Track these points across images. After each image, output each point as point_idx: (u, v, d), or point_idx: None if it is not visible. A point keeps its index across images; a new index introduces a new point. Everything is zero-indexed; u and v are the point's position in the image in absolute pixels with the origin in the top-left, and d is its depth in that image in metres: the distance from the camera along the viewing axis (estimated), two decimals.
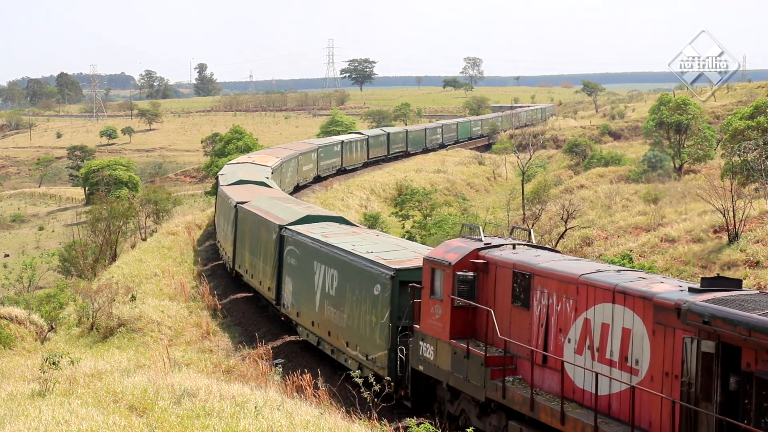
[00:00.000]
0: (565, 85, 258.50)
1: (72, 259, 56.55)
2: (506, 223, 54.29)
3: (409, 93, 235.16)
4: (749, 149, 46.48)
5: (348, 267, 25.50)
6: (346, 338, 25.47)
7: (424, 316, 21.10)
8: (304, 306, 29.20)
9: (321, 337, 27.62)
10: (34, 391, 19.90)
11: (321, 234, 29.07)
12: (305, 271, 28.86)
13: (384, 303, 23.01)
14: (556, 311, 17.54)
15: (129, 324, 34.31)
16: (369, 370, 23.26)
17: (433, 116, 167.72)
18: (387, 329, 22.74)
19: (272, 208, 36.32)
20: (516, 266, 18.77)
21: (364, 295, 24.22)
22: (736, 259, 31.66)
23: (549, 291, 17.78)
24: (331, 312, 26.61)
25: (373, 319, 23.62)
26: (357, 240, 27.49)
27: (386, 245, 26.37)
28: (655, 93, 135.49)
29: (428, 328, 20.84)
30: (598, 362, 16.40)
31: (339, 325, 25.96)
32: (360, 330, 24.50)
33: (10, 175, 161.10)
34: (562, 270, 17.72)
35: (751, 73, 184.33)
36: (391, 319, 22.68)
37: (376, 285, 23.45)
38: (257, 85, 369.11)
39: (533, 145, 74.02)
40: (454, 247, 20.68)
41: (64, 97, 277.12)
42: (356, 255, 25.26)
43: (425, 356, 20.94)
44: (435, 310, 20.51)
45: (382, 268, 23.34)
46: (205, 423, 16.71)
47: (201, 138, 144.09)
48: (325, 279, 27.00)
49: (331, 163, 73.69)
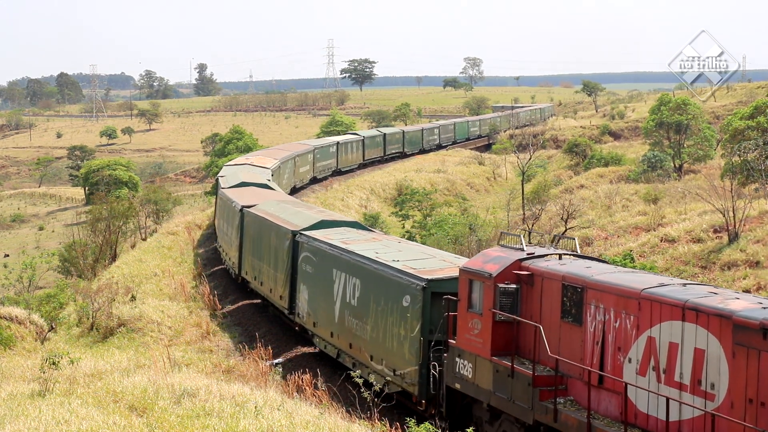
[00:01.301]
0: (565, 85, 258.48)
1: (72, 259, 56.54)
2: (506, 223, 54.31)
3: (409, 93, 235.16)
4: (749, 149, 46.50)
5: (372, 276, 24.25)
6: (370, 351, 24.09)
7: (460, 331, 19.77)
8: (321, 316, 27.86)
9: (341, 349, 26.17)
10: (34, 391, 19.89)
11: (340, 240, 27.78)
12: (323, 279, 27.61)
13: (414, 315, 21.70)
14: (613, 328, 16.29)
15: (129, 324, 34.31)
16: (396, 386, 22.42)
17: (433, 116, 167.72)
18: (418, 343, 21.44)
19: (282, 212, 35.07)
20: (566, 279, 17.50)
21: (391, 306, 22.91)
22: (736, 259, 31.66)
23: (605, 306, 16.52)
24: (352, 323, 25.32)
25: (401, 332, 22.35)
26: (379, 247, 26.22)
27: (412, 253, 25.14)
28: (655, 93, 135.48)
29: (466, 344, 19.56)
30: (665, 385, 15.11)
31: (362, 337, 24.62)
32: (386, 343, 23.14)
33: (10, 175, 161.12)
34: (620, 283, 16.41)
35: (751, 73, 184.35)
36: (422, 332, 21.35)
37: (404, 296, 22.18)
38: (257, 85, 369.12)
39: (533, 145, 74.02)
40: (493, 257, 19.41)
41: (64, 97, 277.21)
42: (381, 264, 23.96)
43: (462, 373, 19.66)
44: (473, 324, 19.25)
45: (412, 279, 22.05)
46: (205, 423, 16.71)
47: (201, 138, 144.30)
48: (346, 288, 25.75)
49: (327, 164, 72.64)
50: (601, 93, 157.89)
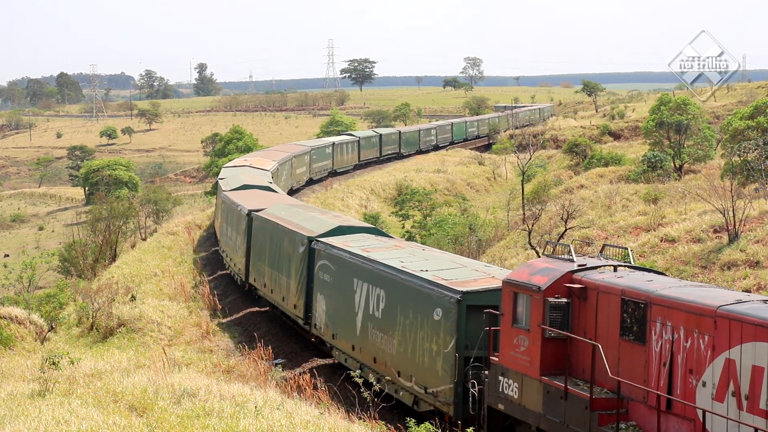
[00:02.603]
0: (565, 85, 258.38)
1: (72, 259, 56.56)
2: (506, 223, 54.32)
3: (409, 93, 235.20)
4: (749, 149, 46.48)
5: (398, 287, 22.86)
6: (398, 367, 22.69)
7: (504, 347, 18.44)
8: (341, 327, 26.50)
9: (364, 363, 24.72)
10: (34, 391, 19.88)
11: (360, 248, 26.43)
12: (343, 289, 26.28)
13: (448, 330, 20.34)
14: (683, 348, 14.99)
15: (129, 324, 34.31)
16: (428, 405, 21.17)
17: (432, 116, 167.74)
18: (452, 360, 20.09)
19: (294, 217, 33.75)
20: (626, 293, 16.16)
21: (421, 319, 21.51)
22: (736, 259, 31.65)
23: (673, 324, 15.19)
24: (376, 336, 23.92)
25: (433, 347, 20.91)
26: (404, 255, 24.85)
27: (441, 262, 23.69)
28: (655, 93, 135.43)
29: (510, 362, 18.23)
30: (748, 412, 13.81)
31: (387, 351, 23.27)
32: (416, 359, 21.72)
33: (10, 175, 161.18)
34: (691, 299, 15.06)
35: (751, 73, 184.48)
36: (458, 348, 19.99)
37: (436, 309, 20.80)
38: (257, 85, 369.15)
39: (533, 145, 74.00)
40: (541, 268, 18.13)
41: (64, 97, 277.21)
42: (409, 274, 22.57)
43: (506, 393, 18.35)
44: (519, 341, 17.94)
45: (445, 290, 20.66)
46: (205, 423, 16.71)
47: (201, 138, 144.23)
48: (369, 299, 24.39)
49: (323, 165, 71.80)
50: (601, 93, 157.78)
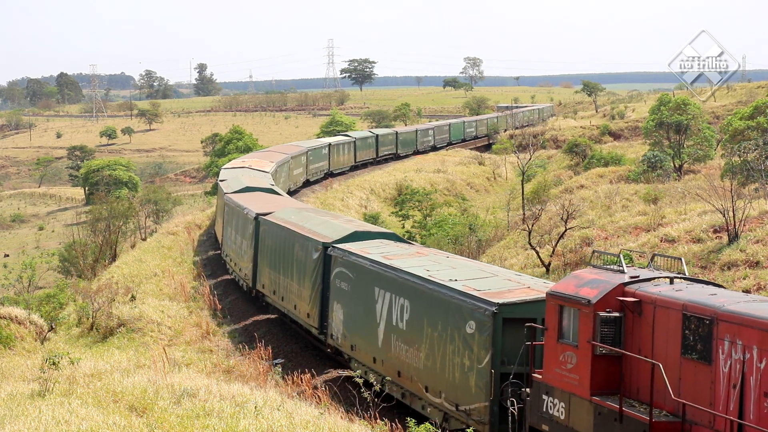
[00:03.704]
0: (565, 85, 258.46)
1: (72, 259, 56.63)
2: (506, 223, 54.33)
3: (409, 93, 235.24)
4: (749, 149, 46.49)
5: (425, 297, 21.77)
6: (425, 382, 21.57)
7: (548, 364, 17.43)
8: (360, 339, 25.38)
9: (387, 376, 23.56)
10: (34, 391, 19.88)
11: (380, 255, 25.33)
12: (362, 298, 25.20)
13: (482, 344, 19.27)
14: (757, 369, 13.89)
15: (129, 324, 34.32)
16: (460, 423, 20.08)
17: (432, 116, 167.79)
18: (487, 376, 18.97)
19: (305, 221, 32.44)
20: (688, 308, 15.08)
21: (451, 332, 20.41)
22: (736, 259, 31.63)
23: (745, 343, 14.10)
24: (400, 349, 22.85)
25: (465, 362, 19.82)
26: (428, 263, 23.74)
27: (469, 271, 22.59)
28: (655, 93, 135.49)
29: (556, 380, 17.18)
30: None
31: (413, 365, 22.16)
32: (446, 374, 20.60)
33: (10, 175, 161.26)
34: (765, 316, 13.93)
35: (751, 73, 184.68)
36: (493, 364, 18.92)
37: (469, 322, 19.71)
38: (257, 85, 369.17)
39: (533, 145, 74.01)
40: (589, 280, 17.04)
41: (64, 97, 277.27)
42: (437, 284, 21.46)
43: (552, 414, 17.32)
44: (566, 357, 16.93)
45: (478, 302, 19.57)
46: (205, 423, 16.72)
47: (201, 138, 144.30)
48: (392, 309, 23.29)
49: (320, 166, 70.84)
50: (601, 93, 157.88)
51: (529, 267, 39.02)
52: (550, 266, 38.05)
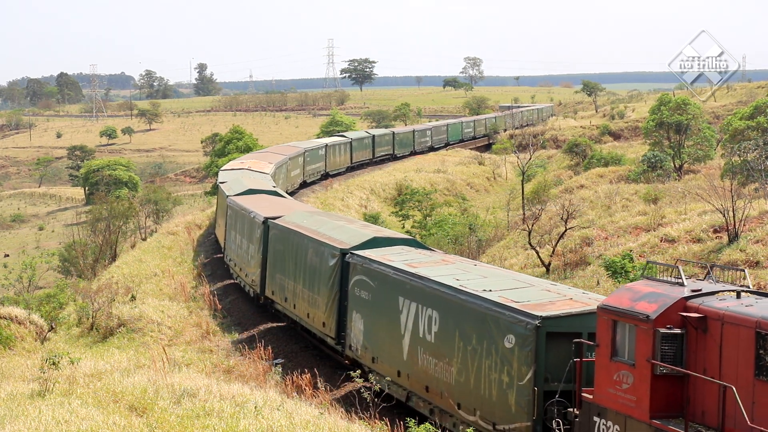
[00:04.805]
0: (565, 85, 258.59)
1: (72, 259, 56.70)
2: (506, 223, 54.35)
3: (409, 93, 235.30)
4: (749, 149, 46.54)
5: (456, 308, 20.61)
6: (457, 398, 20.36)
7: (600, 384, 16.27)
8: (383, 351, 24.24)
9: (413, 391, 22.53)
10: (34, 391, 19.89)
11: (404, 262, 24.31)
12: (385, 308, 24.07)
13: (522, 360, 18.14)
14: None
15: (129, 324, 34.33)
16: None
17: (432, 116, 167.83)
18: (530, 394, 17.85)
19: (319, 226, 31.19)
20: (762, 325, 14.03)
21: (488, 346, 19.29)
22: (736, 259, 31.62)
23: None
24: (429, 362, 21.70)
25: (504, 378, 18.71)
26: (456, 272, 22.62)
27: (502, 280, 21.46)
28: (655, 93, 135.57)
29: (609, 401, 16.02)
30: None
31: (443, 380, 20.96)
32: (481, 391, 19.46)
33: (10, 175, 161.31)
34: None
35: (751, 73, 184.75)
36: (536, 381, 17.79)
37: (507, 336, 18.64)
38: (257, 85, 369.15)
39: (533, 145, 74.04)
40: (646, 293, 15.83)
41: (64, 97, 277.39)
42: (469, 294, 20.34)
43: None
44: (621, 377, 15.79)
45: (518, 314, 18.47)
46: (205, 423, 16.73)
47: (201, 138, 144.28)
48: (418, 320, 22.16)
49: (317, 167, 69.96)
50: (601, 93, 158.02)
51: (529, 267, 39.03)
52: (550, 266, 38.07)
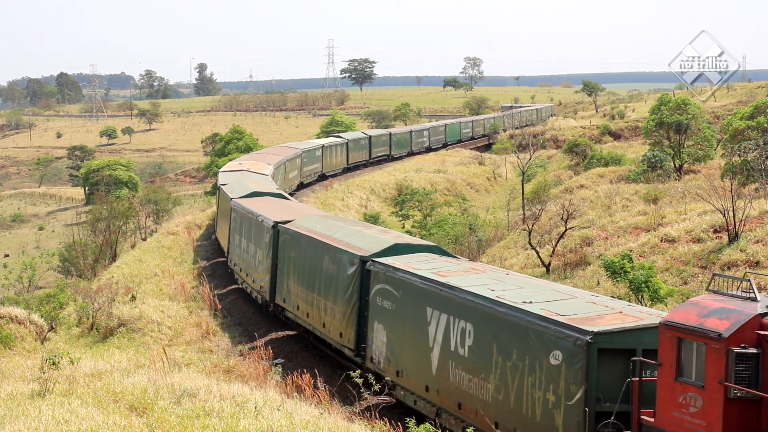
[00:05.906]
0: (565, 85, 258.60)
1: (72, 259, 56.72)
2: (506, 223, 54.35)
3: (409, 93, 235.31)
4: (749, 149, 46.49)
5: (494, 321, 19.33)
6: (495, 417, 19.12)
7: (663, 406, 15.05)
8: (409, 364, 22.98)
9: (443, 408, 21.22)
10: (34, 391, 19.88)
11: (431, 271, 23.01)
12: (411, 319, 22.82)
13: (572, 378, 16.89)
14: None
15: (129, 324, 34.34)
16: None
17: (433, 116, 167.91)
18: (580, 415, 16.60)
19: (334, 231, 29.87)
20: None
21: (530, 362, 18.03)
22: (736, 259, 31.63)
23: None
24: (461, 378, 20.41)
25: (549, 397, 17.48)
26: (490, 282, 21.30)
27: (542, 291, 20.14)
28: (655, 93, 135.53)
29: (674, 425, 14.81)
30: None
31: (479, 397, 19.70)
32: (523, 410, 18.22)
33: (10, 175, 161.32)
34: None
35: (751, 73, 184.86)
36: (587, 401, 16.55)
37: (553, 352, 17.41)
38: (257, 85, 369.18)
39: (533, 145, 74.05)
40: (715, 309, 14.53)
41: (64, 97, 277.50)
42: (508, 306, 19.06)
43: None
44: (688, 399, 14.54)
45: (566, 329, 17.19)
46: (205, 423, 16.72)
47: (201, 138, 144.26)
48: (449, 333, 20.94)
49: (313, 168, 69.37)
50: (601, 93, 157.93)
51: (529, 267, 39.05)
52: (550, 266, 38.09)
